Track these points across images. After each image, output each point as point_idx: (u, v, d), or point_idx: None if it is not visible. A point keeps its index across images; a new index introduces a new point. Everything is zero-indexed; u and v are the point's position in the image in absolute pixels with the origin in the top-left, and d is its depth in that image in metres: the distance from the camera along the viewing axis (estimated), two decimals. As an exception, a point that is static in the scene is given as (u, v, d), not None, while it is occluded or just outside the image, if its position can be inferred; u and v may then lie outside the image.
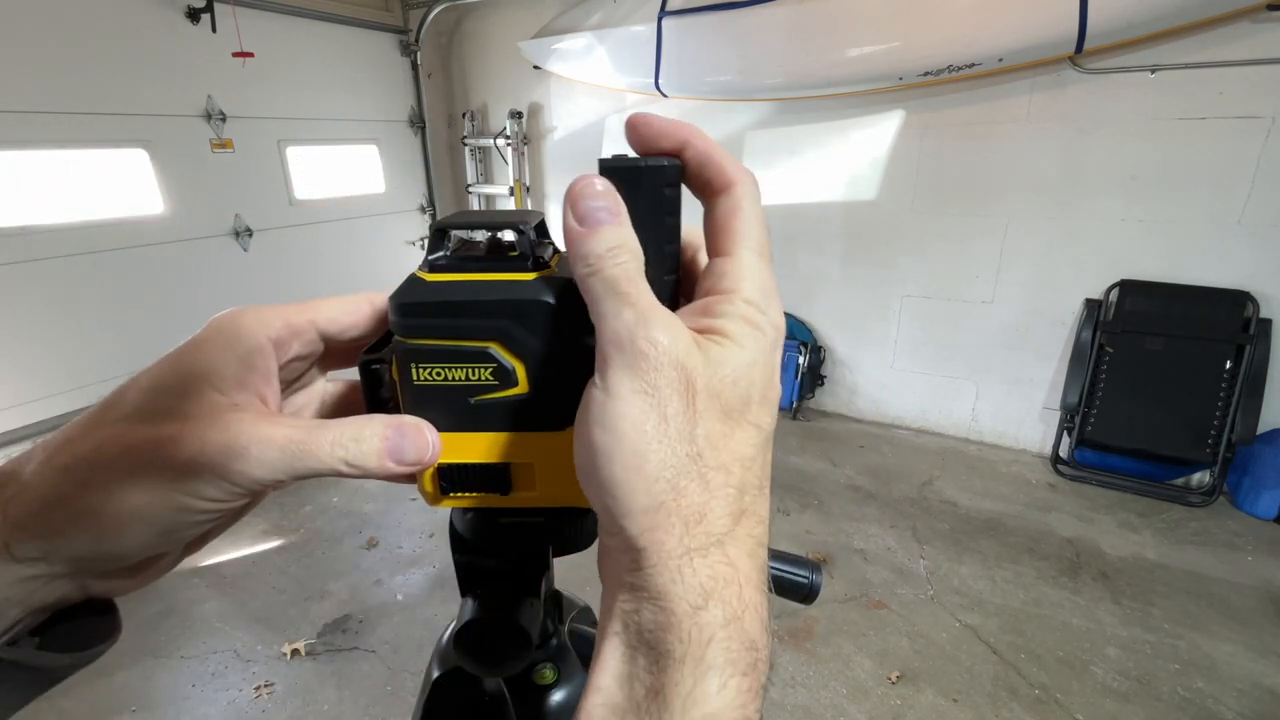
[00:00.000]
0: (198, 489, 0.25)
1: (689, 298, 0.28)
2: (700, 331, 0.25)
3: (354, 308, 0.30)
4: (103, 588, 0.27)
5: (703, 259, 0.28)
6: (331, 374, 0.35)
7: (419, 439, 0.27)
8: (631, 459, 0.22)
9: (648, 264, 0.25)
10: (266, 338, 0.28)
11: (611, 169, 0.26)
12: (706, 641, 0.21)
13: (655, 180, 0.26)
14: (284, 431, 0.25)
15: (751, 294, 0.25)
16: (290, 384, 0.32)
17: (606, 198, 0.25)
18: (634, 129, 0.27)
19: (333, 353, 0.32)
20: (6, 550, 0.24)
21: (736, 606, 0.22)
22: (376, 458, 0.26)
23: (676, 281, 0.28)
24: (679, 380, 0.23)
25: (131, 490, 0.24)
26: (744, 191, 0.27)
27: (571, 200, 0.25)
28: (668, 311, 0.24)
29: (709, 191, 0.27)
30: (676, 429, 0.23)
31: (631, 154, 0.27)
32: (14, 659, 0.25)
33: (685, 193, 0.28)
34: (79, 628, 0.27)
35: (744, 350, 0.24)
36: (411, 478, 0.30)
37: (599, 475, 0.23)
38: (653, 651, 0.22)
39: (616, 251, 0.24)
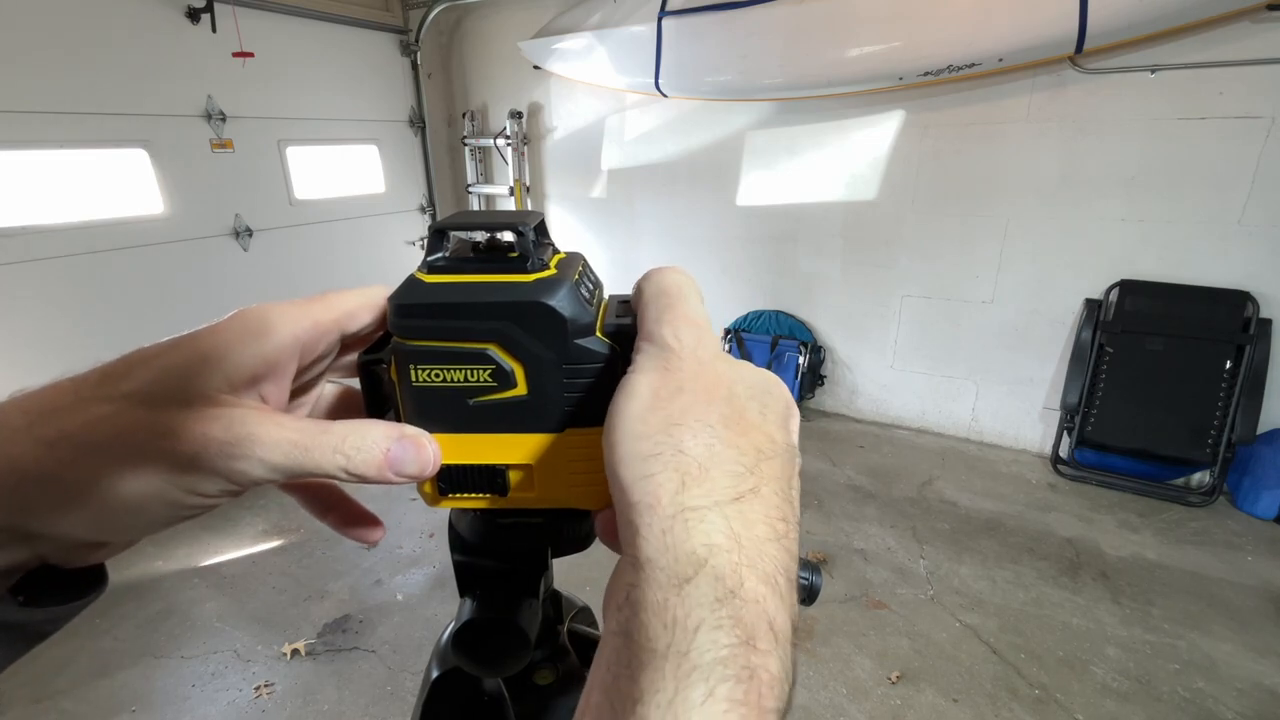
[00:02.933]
0: (195, 484, 0.24)
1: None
2: None
3: (371, 301, 0.30)
4: (59, 559, 0.26)
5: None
6: (330, 377, 0.34)
7: (420, 452, 0.27)
8: (639, 411, 0.23)
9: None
10: (294, 337, 0.27)
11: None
12: (694, 629, 0.18)
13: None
14: (288, 433, 0.25)
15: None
16: (306, 386, 0.31)
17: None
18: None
19: (344, 347, 0.31)
20: None
21: (732, 583, 0.19)
22: (377, 468, 0.26)
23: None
24: (702, 373, 0.24)
25: (124, 478, 0.23)
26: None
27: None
28: (699, 323, 0.26)
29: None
30: (690, 403, 0.23)
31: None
32: None
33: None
34: (62, 582, 0.26)
35: (771, 391, 0.27)
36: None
37: (608, 440, 0.23)
38: (632, 644, 0.18)
39: (692, 283, 0.28)
